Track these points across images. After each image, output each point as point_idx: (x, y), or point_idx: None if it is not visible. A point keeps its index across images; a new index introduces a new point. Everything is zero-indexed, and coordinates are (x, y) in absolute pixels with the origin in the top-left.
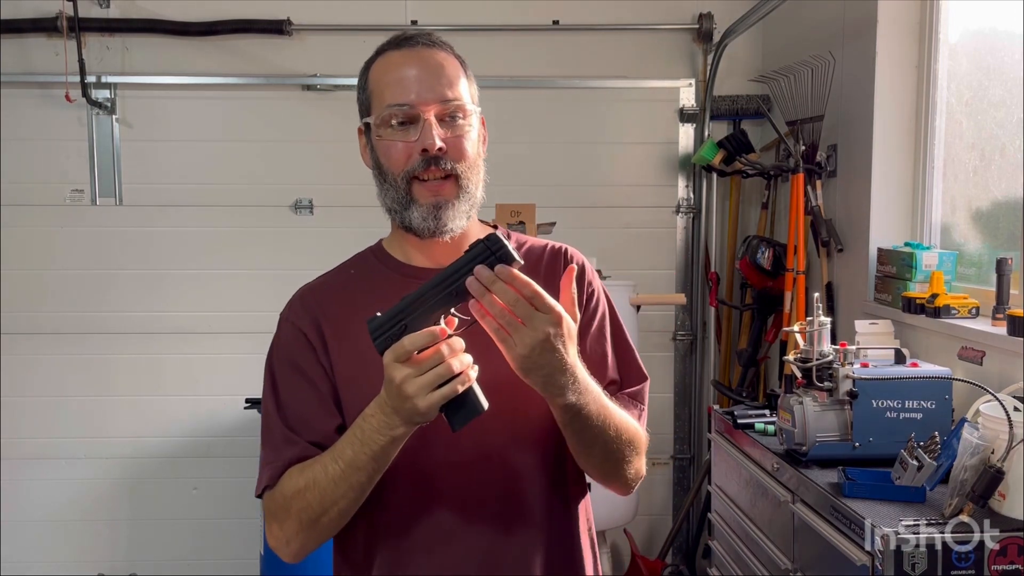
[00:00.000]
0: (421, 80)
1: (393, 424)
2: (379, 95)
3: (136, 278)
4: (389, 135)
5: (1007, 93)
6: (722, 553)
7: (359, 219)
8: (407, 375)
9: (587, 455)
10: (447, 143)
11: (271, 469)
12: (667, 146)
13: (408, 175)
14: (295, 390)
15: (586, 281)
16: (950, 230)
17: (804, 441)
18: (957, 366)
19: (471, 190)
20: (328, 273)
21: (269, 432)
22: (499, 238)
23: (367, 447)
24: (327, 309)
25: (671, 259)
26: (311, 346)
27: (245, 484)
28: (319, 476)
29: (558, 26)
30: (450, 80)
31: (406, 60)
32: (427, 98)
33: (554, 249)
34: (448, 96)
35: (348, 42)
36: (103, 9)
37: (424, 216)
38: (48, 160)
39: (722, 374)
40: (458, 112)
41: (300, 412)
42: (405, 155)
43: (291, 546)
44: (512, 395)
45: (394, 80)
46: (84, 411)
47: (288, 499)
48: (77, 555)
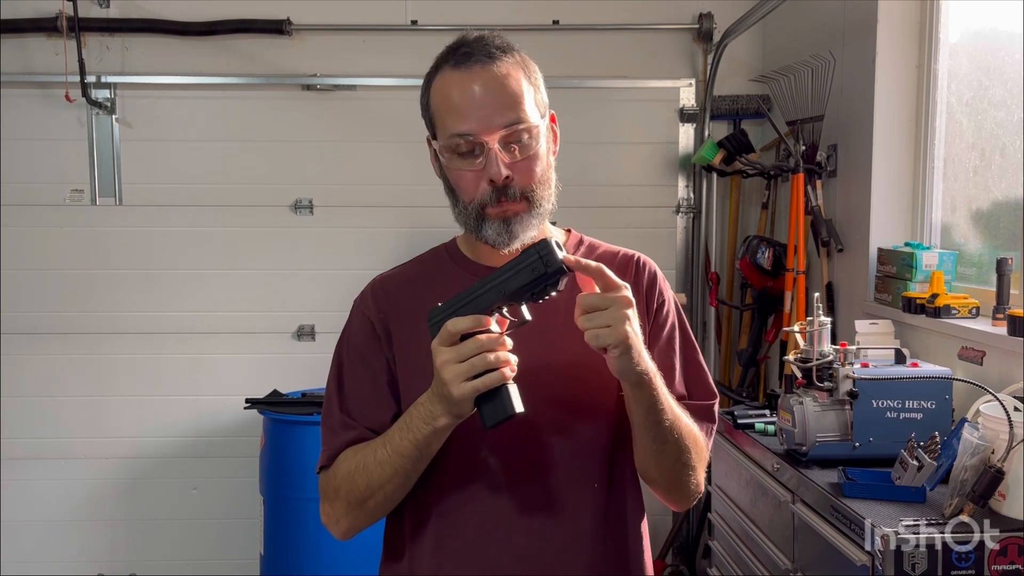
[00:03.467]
0: (483, 105)
1: (436, 413)
2: (441, 120)
3: (136, 278)
4: (456, 164)
5: (1007, 93)
6: (722, 553)
7: (359, 219)
8: (447, 359)
9: (658, 454)
10: (514, 169)
11: (328, 451)
12: (667, 146)
13: (480, 204)
14: (358, 379)
15: (657, 290)
16: (950, 230)
17: (804, 441)
18: (957, 366)
19: (543, 204)
20: (403, 265)
21: (329, 415)
22: (548, 243)
23: (412, 434)
24: (396, 302)
25: (671, 259)
26: (377, 337)
27: (245, 484)
28: (368, 460)
29: (558, 26)
30: (513, 99)
31: (464, 82)
32: (489, 125)
33: (626, 256)
34: (512, 119)
35: (348, 42)
36: (103, 9)
37: (498, 231)
38: (48, 160)
39: (722, 374)
40: (523, 133)
41: (360, 400)
42: (474, 184)
43: (340, 525)
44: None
45: (455, 106)
46: (84, 411)
47: (339, 480)
48: (77, 555)
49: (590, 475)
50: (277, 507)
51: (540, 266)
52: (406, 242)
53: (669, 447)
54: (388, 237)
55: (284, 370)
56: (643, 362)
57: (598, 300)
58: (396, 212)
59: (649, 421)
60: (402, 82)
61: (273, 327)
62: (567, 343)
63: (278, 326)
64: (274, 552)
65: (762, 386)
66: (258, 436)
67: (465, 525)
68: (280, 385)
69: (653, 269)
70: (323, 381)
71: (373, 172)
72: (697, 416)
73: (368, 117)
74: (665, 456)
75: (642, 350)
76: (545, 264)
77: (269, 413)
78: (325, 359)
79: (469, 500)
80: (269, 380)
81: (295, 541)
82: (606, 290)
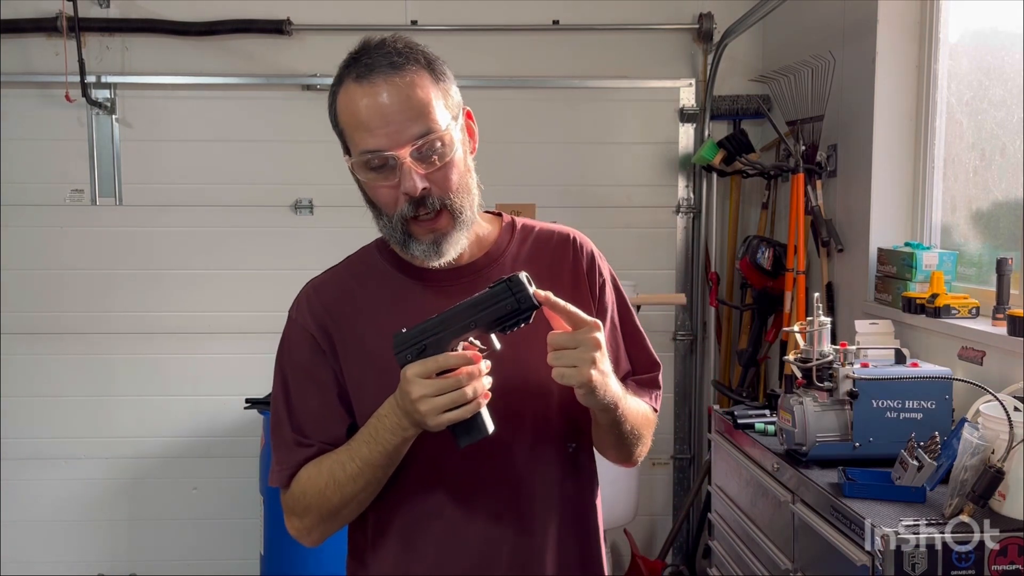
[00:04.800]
0: (390, 120)
1: (405, 426)
2: (351, 136)
3: (136, 278)
4: (371, 179)
5: (1007, 93)
6: (722, 553)
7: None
8: (424, 394)
9: (616, 445)
10: (430, 179)
11: (286, 470)
12: (667, 146)
13: (401, 218)
14: (306, 394)
15: (597, 269)
16: (950, 230)
17: (804, 441)
18: (957, 366)
19: (466, 215)
20: (333, 269)
21: (279, 433)
22: (520, 282)
23: (381, 445)
24: (333, 309)
25: (671, 259)
26: (321, 350)
27: (245, 484)
28: (338, 474)
29: (558, 26)
30: (420, 109)
31: (368, 95)
32: (399, 140)
33: (562, 235)
34: (421, 131)
35: (348, 42)
36: (103, 9)
37: (425, 251)
38: (48, 160)
39: (722, 374)
40: (436, 142)
41: (311, 417)
42: (392, 199)
43: (312, 535)
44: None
45: (362, 123)
46: (84, 411)
47: (308, 497)
48: (77, 555)
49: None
50: (277, 507)
51: (513, 303)
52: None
53: (625, 439)
54: None
55: None
56: (608, 394)
57: (566, 340)
58: None
59: (612, 431)
60: None
61: (273, 327)
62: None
63: (278, 326)
64: (274, 552)
65: (762, 386)
66: (258, 436)
67: (429, 523)
68: None
69: (591, 248)
70: None
71: None
72: (645, 387)
73: None
74: (621, 445)
75: (607, 383)
76: (518, 301)
77: (269, 413)
78: None
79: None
80: (269, 380)
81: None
82: (575, 327)
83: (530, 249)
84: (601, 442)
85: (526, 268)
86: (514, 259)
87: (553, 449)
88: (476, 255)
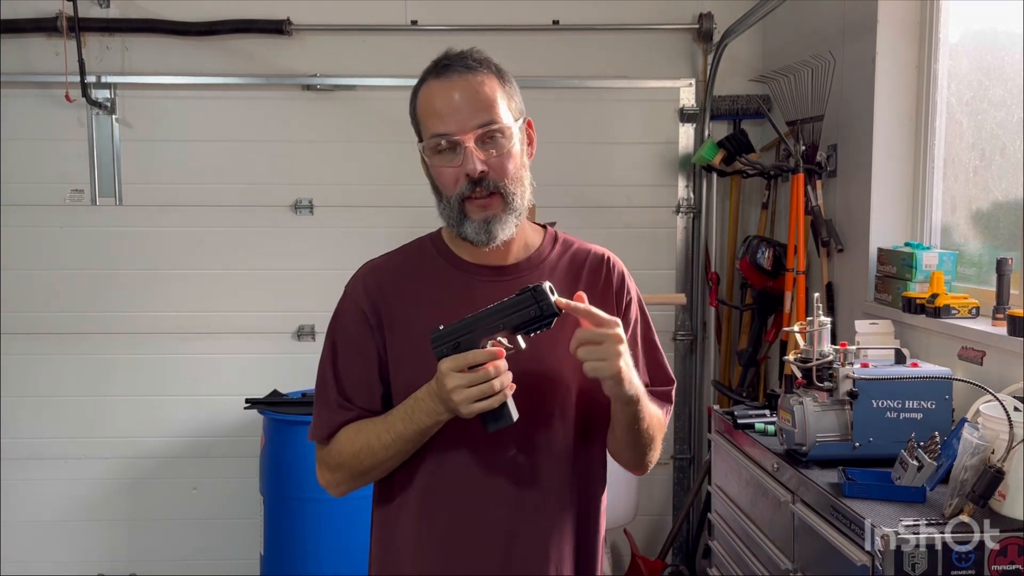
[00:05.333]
0: (459, 109)
1: (439, 411)
2: (424, 124)
3: (136, 278)
4: (437, 162)
5: (1007, 93)
6: (722, 553)
7: (359, 219)
8: (458, 384)
9: (631, 445)
10: (489, 164)
11: (327, 428)
12: (667, 146)
13: (459, 197)
14: (351, 363)
15: (625, 288)
16: (950, 230)
17: (804, 441)
18: (957, 366)
19: (516, 202)
20: (390, 254)
21: (324, 393)
22: (543, 291)
23: (415, 424)
24: (385, 289)
25: (671, 259)
26: (369, 325)
27: (245, 484)
28: (372, 442)
29: (558, 26)
30: (487, 103)
31: (444, 89)
32: (466, 126)
33: (597, 254)
34: (485, 120)
35: (348, 42)
36: (103, 9)
37: (477, 230)
38: (48, 160)
39: (722, 374)
40: (496, 133)
41: (354, 383)
42: (453, 180)
43: (340, 488)
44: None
45: (435, 110)
46: (84, 411)
47: (343, 456)
48: (77, 555)
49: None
50: (277, 507)
51: (537, 310)
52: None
53: (641, 438)
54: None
55: (284, 370)
56: (632, 387)
57: (593, 335)
58: (396, 212)
59: (632, 428)
60: (402, 82)
61: (273, 327)
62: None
63: (278, 326)
64: (274, 552)
65: (762, 386)
66: (258, 436)
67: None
68: (280, 385)
69: (621, 268)
70: None
71: (373, 172)
72: (659, 400)
73: (368, 117)
74: (637, 445)
75: (632, 377)
76: (541, 309)
77: (269, 413)
78: None
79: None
80: (269, 380)
81: (295, 541)
82: (598, 326)
83: (568, 260)
84: (618, 442)
85: (563, 277)
86: (552, 267)
87: (568, 442)
88: (520, 257)
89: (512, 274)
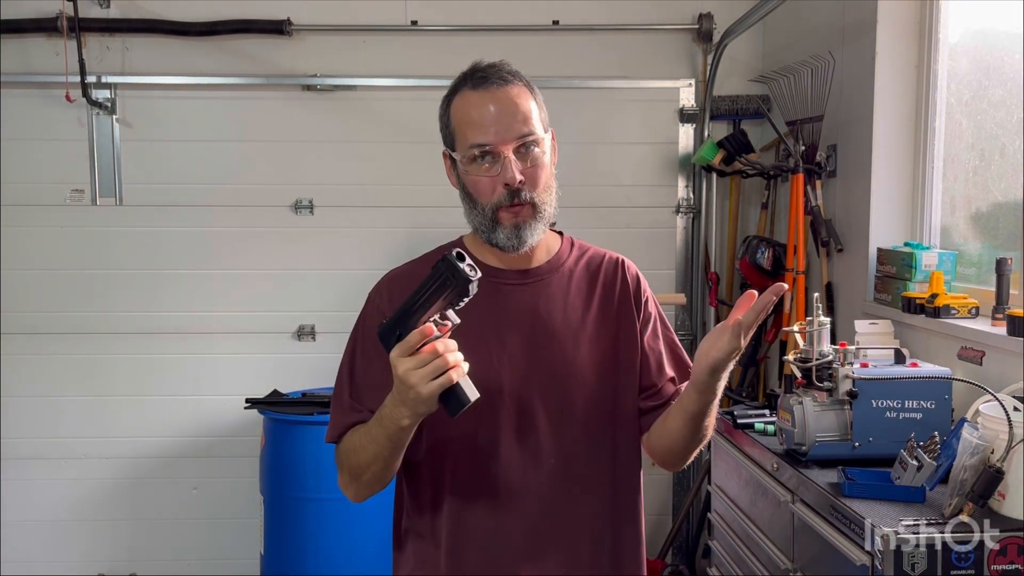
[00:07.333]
0: (499, 120)
1: (400, 415)
2: (461, 133)
3: (136, 278)
4: (475, 171)
5: (1007, 93)
6: (722, 553)
7: (359, 219)
8: (409, 368)
9: (690, 438)
10: (525, 174)
11: (337, 428)
12: (667, 146)
13: (495, 206)
14: (369, 366)
15: (642, 289)
16: (950, 230)
17: (804, 441)
18: (957, 366)
19: (546, 211)
20: (414, 261)
21: (339, 396)
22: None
23: (385, 429)
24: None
25: (671, 259)
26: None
27: (245, 484)
28: (362, 443)
29: (558, 26)
30: (525, 115)
31: (482, 100)
32: (505, 137)
33: (612, 258)
34: (524, 132)
35: (348, 42)
36: (103, 9)
37: (508, 236)
38: (48, 160)
39: None
40: (532, 144)
41: (368, 386)
42: (491, 188)
43: (348, 491)
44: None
45: (473, 120)
46: (84, 411)
47: (347, 456)
48: (77, 555)
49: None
50: (277, 507)
51: (450, 279)
52: (406, 242)
53: (701, 432)
54: (388, 237)
55: (284, 370)
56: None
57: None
58: (396, 212)
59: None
60: (402, 82)
61: (273, 327)
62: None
63: (278, 326)
64: (274, 552)
65: (762, 386)
66: (258, 436)
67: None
68: (280, 385)
69: (635, 271)
70: (323, 381)
71: (373, 172)
72: None
73: (368, 117)
74: (695, 439)
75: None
76: (455, 277)
77: (269, 413)
78: (325, 359)
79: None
80: (269, 380)
81: (295, 541)
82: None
83: (585, 265)
84: (672, 436)
85: (581, 280)
86: (571, 270)
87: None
88: (542, 261)
89: (535, 277)
